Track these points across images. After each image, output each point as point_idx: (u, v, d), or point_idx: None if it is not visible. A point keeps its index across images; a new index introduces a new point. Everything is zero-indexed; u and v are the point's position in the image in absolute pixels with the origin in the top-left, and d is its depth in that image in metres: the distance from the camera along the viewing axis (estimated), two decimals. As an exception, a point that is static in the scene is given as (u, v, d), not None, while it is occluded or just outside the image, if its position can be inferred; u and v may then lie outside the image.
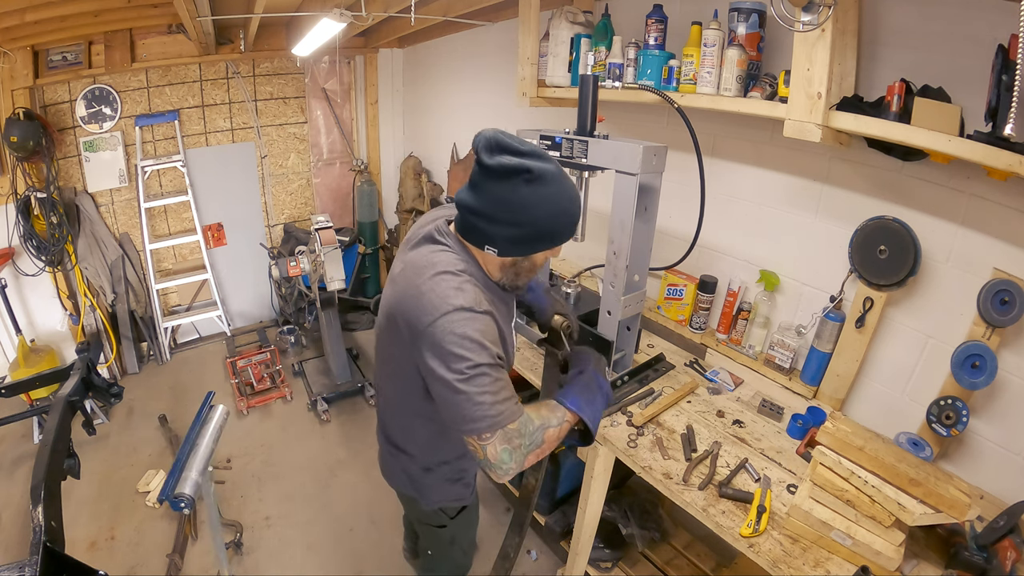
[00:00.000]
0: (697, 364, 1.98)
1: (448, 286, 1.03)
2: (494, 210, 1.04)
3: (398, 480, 1.41)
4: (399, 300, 1.10)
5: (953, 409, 1.40)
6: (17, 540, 2.29)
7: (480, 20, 2.80)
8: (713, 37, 1.61)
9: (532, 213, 1.03)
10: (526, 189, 1.01)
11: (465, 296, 1.02)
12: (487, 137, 1.02)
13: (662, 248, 2.08)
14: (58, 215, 3.02)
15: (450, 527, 1.45)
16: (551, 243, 1.10)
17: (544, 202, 1.03)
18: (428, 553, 1.62)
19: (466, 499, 1.43)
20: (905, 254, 1.47)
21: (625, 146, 1.45)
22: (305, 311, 3.62)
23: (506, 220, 1.04)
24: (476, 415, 0.99)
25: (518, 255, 1.10)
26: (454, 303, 1.00)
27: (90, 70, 3.06)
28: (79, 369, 1.88)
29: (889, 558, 1.15)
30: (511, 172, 0.99)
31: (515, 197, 1.01)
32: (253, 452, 2.90)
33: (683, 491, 1.41)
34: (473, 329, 1.00)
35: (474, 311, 1.01)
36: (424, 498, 1.38)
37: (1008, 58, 1.07)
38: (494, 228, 1.05)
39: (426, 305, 1.02)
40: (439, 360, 1.00)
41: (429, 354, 1.02)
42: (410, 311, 1.05)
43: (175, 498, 1.42)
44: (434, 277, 1.05)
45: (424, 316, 1.01)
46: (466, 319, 1.00)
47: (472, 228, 1.09)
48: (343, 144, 4.27)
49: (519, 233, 1.05)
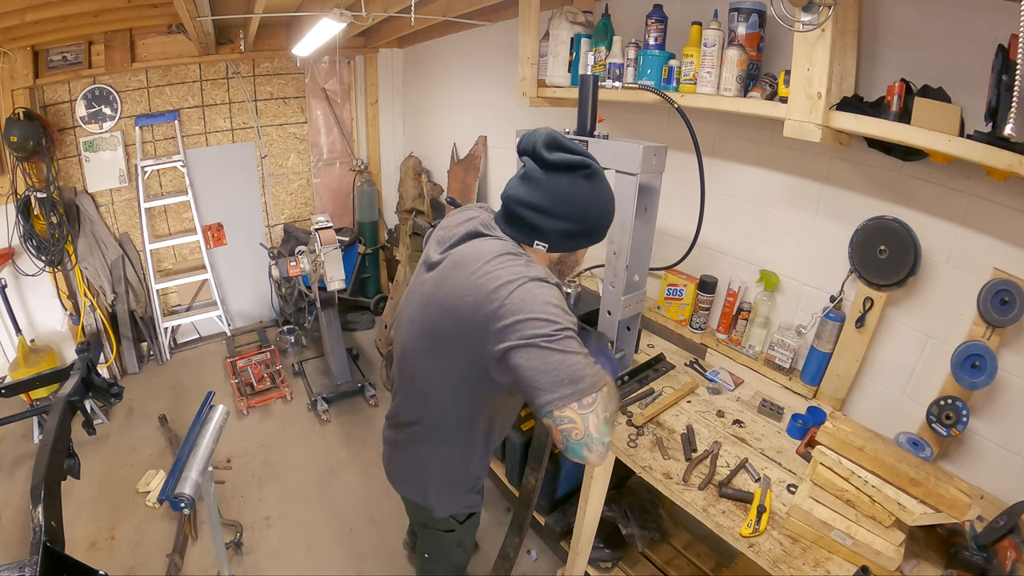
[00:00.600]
0: (697, 364, 1.98)
1: (516, 263, 1.04)
2: (552, 204, 1.07)
3: (411, 488, 1.38)
4: (459, 288, 1.05)
5: (953, 409, 1.40)
6: (17, 540, 2.29)
7: (480, 20, 2.80)
8: (713, 37, 1.61)
9: (587, 208, 1.09)
10: (584, 184, 1.07)
11: (536, 269, 1.04)
12: (545, 134, 1.08)
13: (662, 248, 2.08)
14: (58, 215, 3.02)
15: (458, 531, 1.44)
16: (596, 238, 1.16)
17: (598, 198, 1.11)
18: (425, 556, 1.60)
19: (477, 506, 1.43)
20: (905, 254, 1.47)
21: (625, 146, 1.45)
22: (305, 311, 3.61)
23: (563, 214, 1.08)
24: (576, 376, 0.92)
25: (567, 250, 1.15)
26: (528, 275, 1.00)
27: (90, 70, 3.06)
28: (79, 369, 1.88)
29: (889, 558, 1.15)
30: (573, 167, 1.06)
31: (574, 191, 1.07)
32: (253, 452, 2.90)
33: (683, 491, 1.41)
34: (552, 295, 0.99)
35: (547, 282, 1.02)
36: (438, 507, 1.36)
37: (1008, 58, 1.07)
38: (549, 222, 1.09)
39: (499, 281, 0.99)
40: (522, 330, 0.94)
41: (510, 328, 0.95)
42: (479, 292, 1.01)
43: (175, 498, 1.42)
44: (499, 258, 1.04)
45: (500, 290, 0.98)
46: (543, 288, 0.99)
47: (523, 223, 1.10)
48: (343, 144, 4.27)
49: (572, 228, 1.10)
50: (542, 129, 1.09)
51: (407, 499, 1.44)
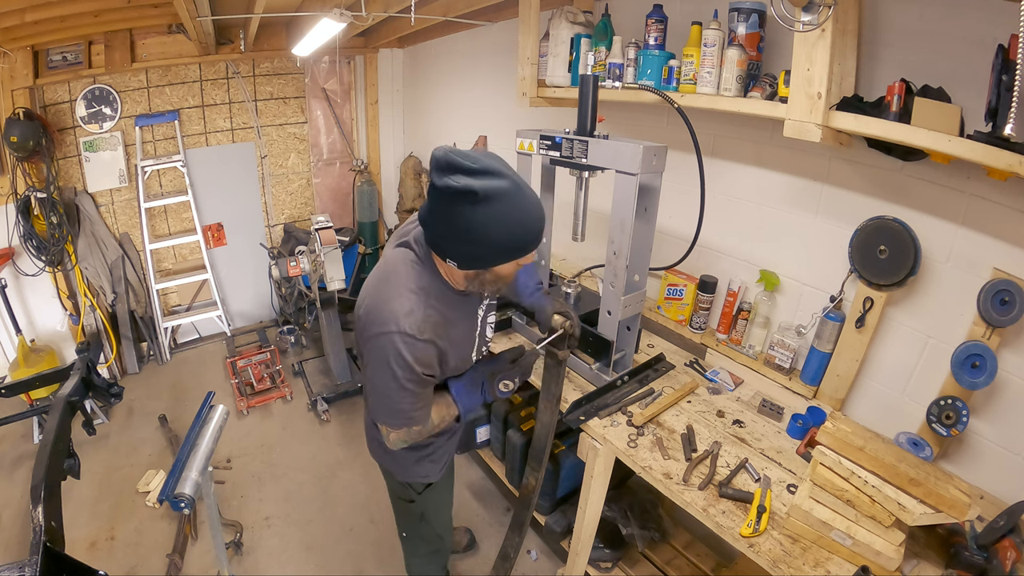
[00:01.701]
0: (697, 364, 1.98)
1: (401, 307, 1.12)
2: (446, 230, 1.06)
3: (376, 453, 1.54)
4: (365, 297, 1.20)
5: (953, 409, 1.40)
6: (17, 540, 2.29)
7: (480, 20, 2.80)
8: (713, 37, 1.61)
9: (483, 233, 1.03)
10: (473, 210, 1.00)
11: (413, 320, 1.12)
12: (437, 157, 1.03)
13: (662, 248, 2.08)
14: (58, 215, 3.02)
15: (418, 502, 1.57)
16: (511, 256, 1.10)
17: (495, 221, 1.02)
18: (403, 535, 1.73)
19: (432, 477, 1.53)
20: (905, 254, 1.47)
21: (625, 146, 1.45)
22: (305, 311, 3.61)
23: (459, 239, 1.06)
24: (391, 413, 1.21)
25: (479, 268, 1.12)
26: (401, 326, 1.11)
27: (90, 70, 3.06)
28: (79, 369, 1.89)
29: (889, 558, 1.15)
30: (457, 195, 1.00)
31: (463, 219, 1.02)
32: (253, 452, 2.90)
33: (683, 491, 1.41)
34: (409, 353, 1.12)
35: (415, 339, 1.12)
36: (397, 472, 1.52)
37: (1008, 58, 1.07)
38: (450, 245, 1.09)
39: (379, 317, 1.13)
40: (374, 365, 1.16)
41: (369, 356, 1.17)
42: (367, 314, 1.16)
43: (175, 498, 1.42)
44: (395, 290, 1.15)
45: (373, 326, 1.14)
46: (407, 343, 1.11)
47: (432, 242, 1.13)
48: (343, 144, 4.27)
49: (474, 250, 1.07)
50: (439, 149, 1.03)
51: (380, 467, 1.59)
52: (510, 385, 1.35)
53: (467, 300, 1.28)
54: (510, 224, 1.04)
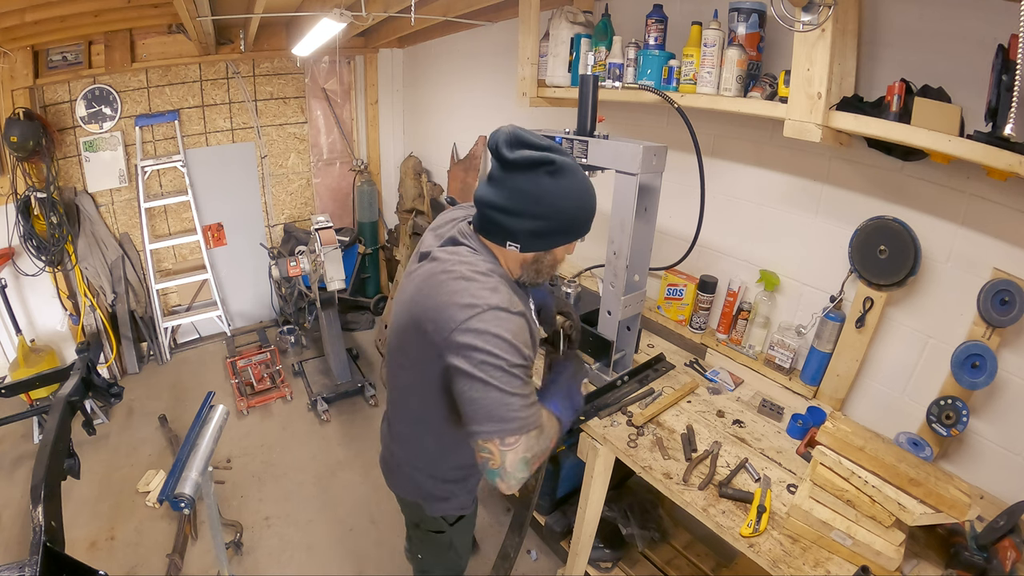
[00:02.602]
0: (697, 364, 1.98)
1: (481, 286, 1.02)
2: (517, 204, 1.05)
3: (403, 486, 1.40)
4: (426, 301, 1.06)
5: (953, 409, 1.40)
6: (17, 540, 2.29)
7: (480, 20, 2.80)
8: (713, 37, 1.61)
9: (555, 204, 1.04)
10: (549, 181, 1.02)
11: (500, 296, 1.01)
12: (507, 132, 1.04)
13: (662, 248, 2.08)
14: (58, 215, 3.02)
15: (448, 533, 1.44)
16: (572, 236, 1.12)
17: (567, 193, 1.04)
18: (419, 557, 1.61)
19: (467, 508, 1.43)
20: (905, 254, 1.47)
21: (625, 146, 1.45)
22: (305, 311, 3.61)
23: (529, 213, 1.05)
24: (507, 415, 0.98)
25: (540, 249, 1.10)
26: (489, 302, 0.99)
27: (90, 70, 3.06)
28: (79, 369, 1.88)
29: (889, 558, 1.15)
30: (535, 164, 1.01)
31: (538, 189, 1.03)
32: (253, 452, 2.90)
33: (683, 491, 1.41)
34: (507, 329, 0.98)
35: (509, 311, 1.00)
36: (429, 507, 1.37)
37: (1008, 58, 1.07)
38: (517, 222, 1.06)
39: (460, 303, 1.00)
40: (470, 357, 0.97)
41: (460, 351, 0.98)
42: (441, 311, 1.02)
43: (175, 498, 1.42)
44: (465, 277, 1.04)
45: (458, 314, 0.99)
46: (501, 319, 0.98)
47: (494, 225, 1.09)
48: (343, 144, 4.27)
49: (542, 226, 1.06)
50: (506, 127, 1.05)
51: (401, 499, 1.45)
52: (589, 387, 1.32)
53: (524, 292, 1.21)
54: (578, 199, 1.07)
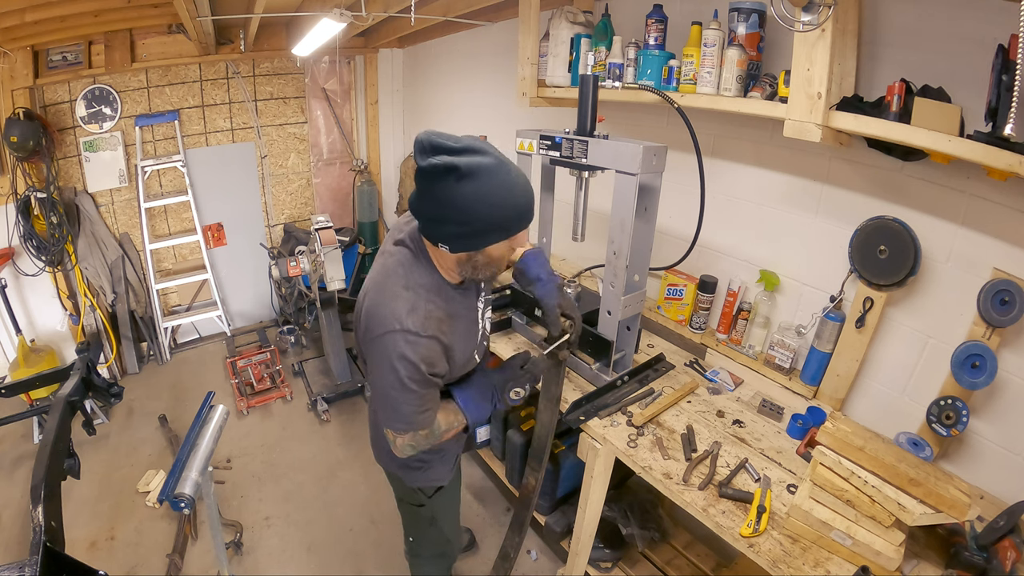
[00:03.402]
0: (697, 364, 1.98)
1: (402, 305, 1.12)
2: (435, 211, 1.07)
3: (383, 458, 1.51)
4: (364, 299, 1.19)
5: (953, 409, 1.40)
6: (17, 540, 2.29)
7: (480, 20, 2.80)
8: (713, 37, 1.61)
9: (468, 211, 1.04)
10: (458, 187, 1.02)
11: (415, 318, 1.11)
12: (420, 140, 1.05)
13: (662, 248, 2.08)
14: (58, 215, 3.02)
15: (428, 506, 1.54)
16: (497, 235, 1.11)
17: (478, 198, 1.03)
18: (410, 539, 1.70)
19: (443, 480, 1.52)
20: (905, 254, 1.47)
21: (625, 146, 1.45)
22: (305, 311, 3.62)
23: (448, 219, 1.06)
24: (397, 417, 1.18)
25: (469, 250, 1.12)
26: (403, 323, 1.10)
27: (90, 70, 3.06)
28: (79, 369, 1.88)
29: (889, 558, 1.15)
30: (441, 172, 1.01)
31: (450, 195, 1.03)
32: (253, 452, 2.90)
33: (683, 491, 1.41)
34: (413, 352, 1.10)
35: (419, 336, 1.10)
36: (406, 476, 1.48)
37: (1008, 58, 1.07)
38: (439, 228, 1.09)
39: (381, 317, 1.12)
40: (378, 367, 1.14)
41: (372, 358, 1.15)
42: (369, 316, 1.15)
43: (175, 498, 1.42)
44: (394, 290, 1.14)
45: (375, 328, 1.12)
46: (410, 342, 1.10)
47: (425, 229, 1.14)
48: (343, 144, 4.27)
49: (463, 230, 1.08)
50: (422, 133, 1.05)
51: (387, 472, 1.56)
52: (521, 393, 1.34)
53: (465, 294, 1.28)
54: (495, 200, 1.05)
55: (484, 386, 1.35)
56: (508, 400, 1.35)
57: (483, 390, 1.34)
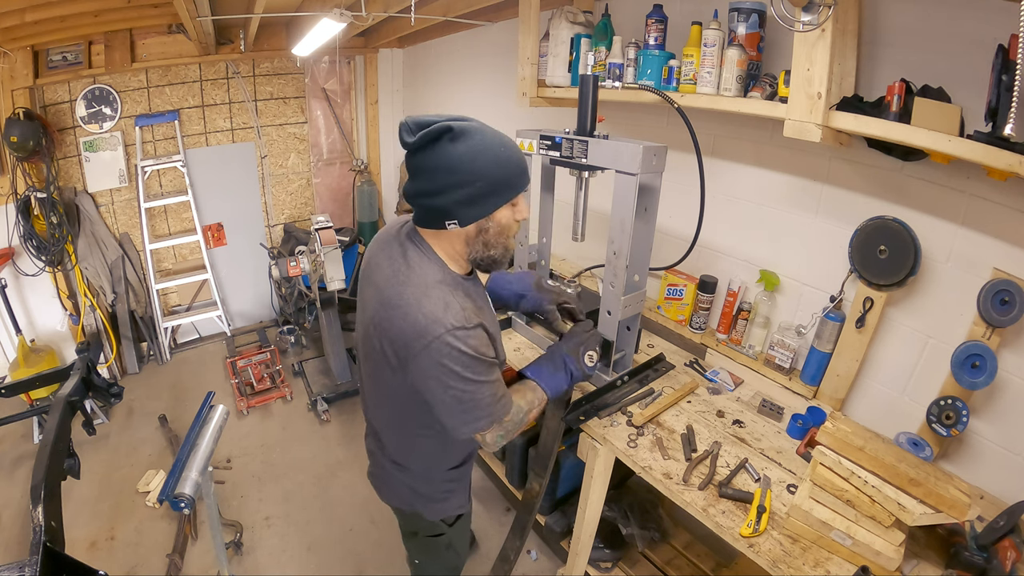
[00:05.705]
0: (697, 364, 1.98)
1: (434, 306, 1.04)
2: (435, 181, 1.04)
3: (399, 497, 1.41)
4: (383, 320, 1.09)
5: (953, 409, 1.40)
6: (17, 540, 2.29)
7: (480, 20, 2.80)
8: (713, 37, 1.61)
9: (471, 167, 1.03)
10: (454, 147, 1.02)
11: (453, 313, 1.04)
12: (404, 122, 1.05)
13: (662, 248, 2.08)
14: (58, 215, 3.02)
15: (448, 534, 1.45)
16: (505, 193, 1.09)
17: (477, 153, 1.03)
18: (416, 562, 1.61)
19: (465, 507, 1.46)
20: (905, 254, 1.47)
21: (625, 146, 1.45)
22: (305, 311, 3.61)
23: (450, 184, 1.04)
24: (478, 416, 1.11)
25: (478, 217, 1.08)
26: (446, 323, 1.02)
27: (90, 70, 3.06)
28: (79, 369, 1.88)
29: (889, 558, 1.15)
30: (435, 136, 1.01)
31: (448, 158, 1.02)
32: (253, 452, 2.90)
33: (683, 491, 1.41)
34: (467, 346, 1.04)
35: (465, 328, 1.04)
36: (428, 511, 1.38)
37: (1008, 58, 1.07)
38: (443, 199, 1.05)
39: (416, 328, 1.03)
40: (438, 377, 1.05)
41: (427, 373, 1.05)
42: (398, 334, 1.06)
43: (175, 498, 1.42)
44: (417, 295, 1.06)
45: (416, 340, 1.03)
46: (460, 337, 1.03)
47: (427, 211, 1.10)
48: (343, 144, 4.27)
49: (468, 193, 1.04)
50: (403, 119, 1.06)
51: (398, 509, 1.46)
52: (594, 356, 1.35)
53: (476, 284, 1.24)
54: (492, 154, 1.05)
55: (555, 356, 1.33)
56: (584, 366, 1.33)
57: (554, 360, 1.32)
